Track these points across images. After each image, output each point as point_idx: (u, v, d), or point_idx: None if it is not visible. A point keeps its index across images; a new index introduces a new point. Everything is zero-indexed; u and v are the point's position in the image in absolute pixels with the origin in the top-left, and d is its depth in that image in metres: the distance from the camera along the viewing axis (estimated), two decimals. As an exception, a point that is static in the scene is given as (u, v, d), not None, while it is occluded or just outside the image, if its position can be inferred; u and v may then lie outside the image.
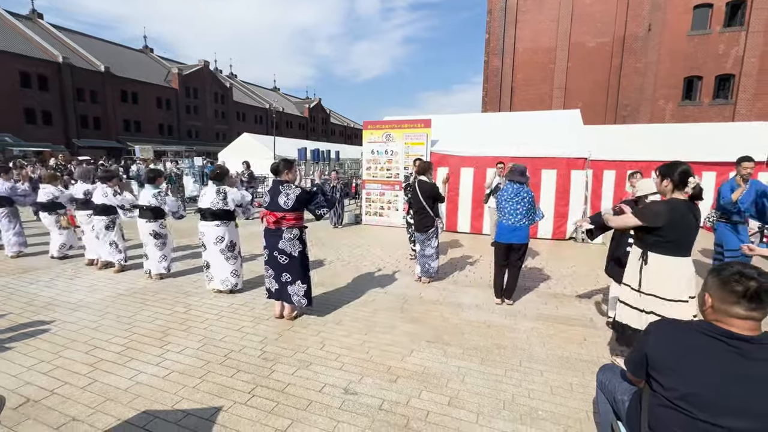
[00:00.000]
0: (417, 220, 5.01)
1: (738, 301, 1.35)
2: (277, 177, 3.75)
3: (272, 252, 3.76)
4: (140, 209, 5.11)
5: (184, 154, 31.20)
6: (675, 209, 2.62)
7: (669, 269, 2.67)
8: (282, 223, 3.68)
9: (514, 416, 2.50)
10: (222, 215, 4.54)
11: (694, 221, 2.63)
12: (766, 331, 1.37)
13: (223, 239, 4.55)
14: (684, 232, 2.64)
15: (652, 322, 1.61)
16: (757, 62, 18.15)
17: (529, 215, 4.17)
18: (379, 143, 9.34)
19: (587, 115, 12.02)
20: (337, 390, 2.75)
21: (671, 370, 1.41)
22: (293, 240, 3.73)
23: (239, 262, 4.73)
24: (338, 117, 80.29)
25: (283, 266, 3.75)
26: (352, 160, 21.27)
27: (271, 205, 3.70)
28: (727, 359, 1.34)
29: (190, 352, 3.26)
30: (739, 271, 1.38)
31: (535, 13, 21.43)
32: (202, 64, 44.36)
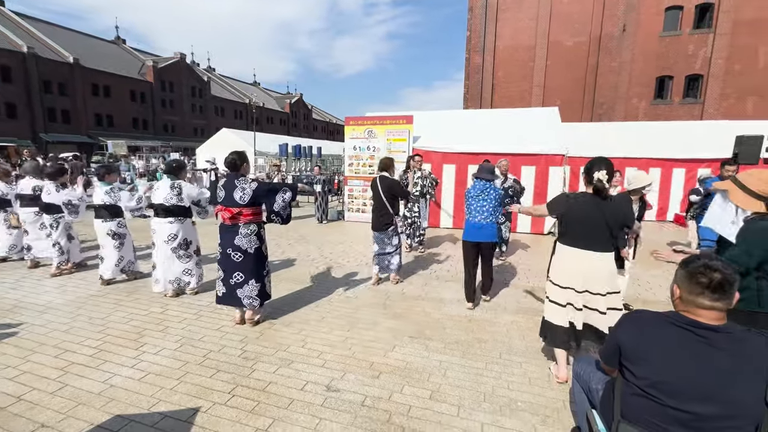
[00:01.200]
0: (376, 217, 4.84)
1: (703, 292, 1.41)
2: (235, 171, 3.59)
3: (226, 249, 3.57)
4: (95, 209, 4.75)
5: (160, 149, 30.30)
6: (575, 201, 2.70)
7: (569, 259, 2.74)
8: (239, 219, 3.53)
9: (494, 408, 2.55)
10: (176, 211, 4.28)
11: (599, 215, 2.62)
12: (730, 321, 1.44)
13: (175, 237, 4.27)
14: (582, 225, 2.67)
15: (625, 313, 1.67)
16: (723, 63, 18.98)
17: (496, 213, 4.10)
18: (362, 139, 9.30)
19: (565, 113, 12.30)
20: (319, 387, 2.74)
21: (643, 359, 1.47)
22: (250, 236, 3.57)
23: (194, 261, 4.44)
24: (320, 113, 79.50)
25: (237, 264, 3.56)
26: (335, 156, 21.14)
27: (226, 200, 3.52)
28: (695, 348, 1.40)
29: (167, 353, 3.17)
30: (705, 264, 1.44)
31: (515, 11, 21.73)
32: (178, 56, 43.04)
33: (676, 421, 1.38)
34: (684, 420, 1.37)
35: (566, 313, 2.77)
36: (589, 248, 2.67)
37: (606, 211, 2.64)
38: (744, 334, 1.39)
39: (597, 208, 2.65)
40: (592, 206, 2.66)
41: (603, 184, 2.61)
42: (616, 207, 2.68)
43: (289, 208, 3.76)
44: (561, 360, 2.84)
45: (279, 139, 20.89)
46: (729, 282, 1.39)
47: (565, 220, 2.77)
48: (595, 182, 2.62)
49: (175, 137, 40.79)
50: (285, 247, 6.89)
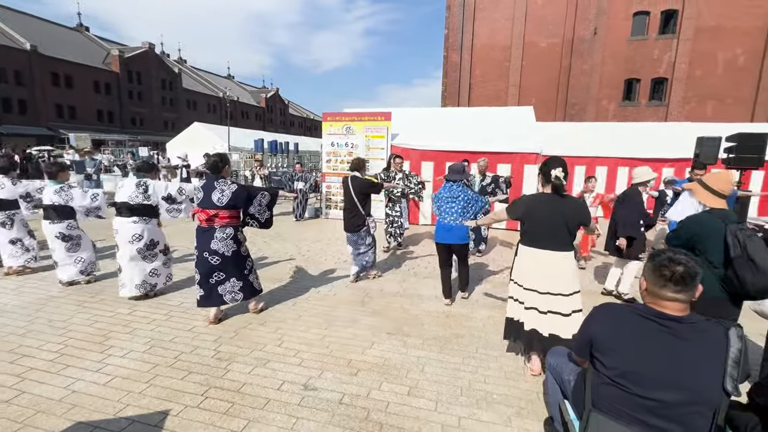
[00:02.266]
0: (348, 218, 4.74)
1: (666, 284, 1.48)
2: (216, 173, 3.52)
3: (202, 253, 3.50)
4: (44, 209, 4.40)
5: (127, 143, 28.99)
6: (534, 201, 2.78)
7: (532, 260, 2.77)
8: (214, 221, 3.46)
9: (470, 401, 2.58)
10: (141, 210, 4.05)
11: (557, 215, 2.68)
12: (693, 312, 1.51)
13: (140, 237, 4.04)
14: (542, 225, 2.72)
15: (596, 306, 1.72)
16: (686, 68, 19.98)
17: (465, 214, 4.01)
18: (339, 135, 9.21)
19: (539, 112, 12.63)
20: (296, 387, 2.69)
21: (612, 350, 1.52)
22: (226, 240, 3.50)
23: (161, 261, 4.25)
24: (297, 108, 78.27)
25: (214, 266, 3.51)
26: (312, 152, 20.87)
27: (204, 201, 3.46)
28: (660, 339, 1.46)
29: (135, 356, 3.04)
30: (669, 257, 1.51)
31: (492, 11, 22.07)
32: (146, 46, 41.23)
33: (643, 408, 1.44)
34: (650, 407, 1.43)
35: (529, 316, 2.80)
36: (550, 248, 2.71)
37: (564, 210, 2.70)
38: (705, 324, 1.47)
39: (556, 207, 2.70)
40: (551, 205, 2.71)
41: (561, 182, 2.68)
42: (573, 205, 2.74)
43: (268, 212, 3.73)
44: (534, 354, 2.91)
45: (254, 135, 20.40)
46: (690, 275, 1.45)
47: (526, 221, 2.81)
48: (554, 180, 2.68)
49: (144, 131, 39.12)
50: (261, 245, 6.75)
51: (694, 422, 1.41)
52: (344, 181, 4.81)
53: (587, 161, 10.58)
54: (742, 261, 2.30)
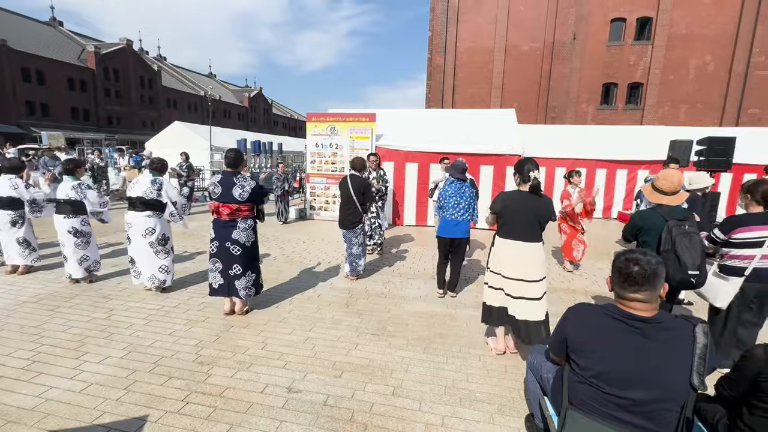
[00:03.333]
0: (345, 216, 4.88)
1: (625, 284, 1.54)
2: (235, 169, 3.71)
3: (224, 243, 3.67)
4: (57, 203, 4.49)
5: (103, 142, 28.10)
6: (511, 198, 3.01)
7: (507, 251, 3.01)
8: (237, 214, 3.66)
9: (454, 400, 2.62)
10: (155, 205, 4.25)
11: (530, 210, 2.96)
12: (662, 311, 1.58)
13: (153, 231, 4.24)
14: (517, 219, 2.98)
15: (570, 307, 1.77)
16: (660, 73, 20.70)
17: (470, 210, 4.33)
18: (324, 136, 9.17)
19: (521, 115, 12.88)
20: (279, 389, 2.67)
21: (586, 351, 1.57)
22: (248, 230, 3.74)
23: (170, 258, 4.41)
24: (281, 108, 77.47)
25: (235, 257, 3.69)
26: (296, 153, 20.70)
27: (224, 196, 3.61)
28: (631, 340, 1.51)
29: (112, 362, 2.96)
30: (626, 258, 1.57)
31: (475, 14, 22.35)
32: (124, 43, 40.05)
33: (617, 406, 1.50)
34: (624, 405, 1.49)
35: (502, 298, 3.07)
36: (524, 239, 2.98)
37: (537, 207, 2.98)
38: (673, 323, 1.53)
39: (530, 204, 2.98)
40: (527, 203, 2.98)
41: (539, 182, 2.99)
42: (544, 204, 3.01)
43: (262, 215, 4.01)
44: (499, 334, 3.14)
45: (237, 134, 20.09)
46: (646, 274, 1.50)
47: (504, 215, 3.03)
48: (533, 181, 2.97)
49: (121, 129, 37.99)
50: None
51: (665, 417, 1.47)
52: (344, 179, 4.96)
53: (568, 163, 10.83)
54: (668, 255, 2.57)
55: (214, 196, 3.65)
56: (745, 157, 8.84)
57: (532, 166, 2.97)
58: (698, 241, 2.61)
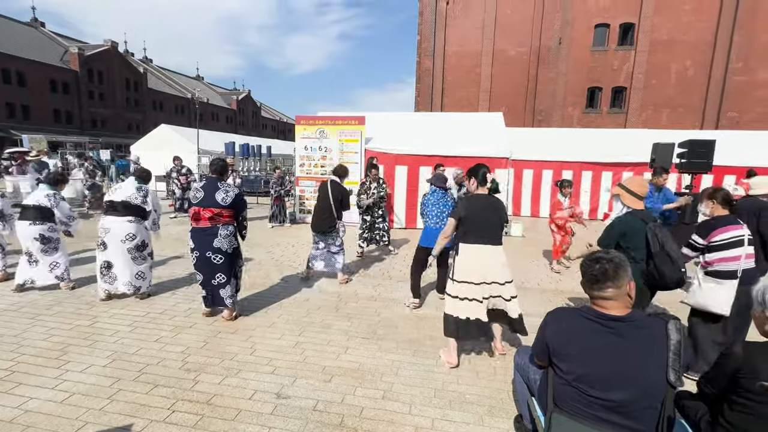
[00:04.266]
0: (319, 219, 4.92)
1: (589, 284, 1.59)
2: (219, 176, 3.74)
3: (205, 253, 3.61)
4: (23, 209, 4.36)
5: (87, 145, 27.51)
6: (474, 202, 3.02)
7: (476, 256, 2.97)
8: (218, 219, 3.62)
9: (444, 403, 2.62)
10: (137, 211, 4.20)
11: (493, 212, 3.00)
12: (636, 310, 1.61)
13: (134, 237, 4.15)
14: (483, 223, 2.98)
15: (549, 312, 1.80)
16: (642, 78, 21.20)
17: None
18: (313, 139, 9.14)
19: (509, 118, 13.04)
20: (268, 395, 2.64)
21: (566, 355, 1.60)
22: (229, 237, 3.69)
23: (148, 264, 4.34)
24: (270, 111, 77.01)
25: (217, 267, 3.65)
26: (285, 156, 20.58)
27: (206, 200, 3.58)
28: (606, 340, 1.55)
29: (96, 370, 2.89)
30: (589, 258, 1.63)
31: (463, 19, 22.60)
32: (108, 44, 39.41)
33: (600, 407, 1.53)
34: (607, 406, 1.51)
35: (468, 307, 2.97)
36: (489, 243, 2.98)
37: (498, 209, 3.05)
38: (645, 321, 1.57)
39: (491, 207, 3.03)
40: (487, 205, 3.03)
41: (497, 184, 3.10)
42: (501, 205, 3.10)
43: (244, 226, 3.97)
44: (452, 347, 3.08)
45: (225, 137, 19.90)
46: (607, 271, 1.55)
47: (467, 221, 3.00)
48: (490, 184, 3.06)
49: (106, 132, 37.26)
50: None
51: (646, 416, 1.50)
52: (323, 184, 4.96)
53: (554, 165, 11.02)
54: (662, 255, 2.63)
55: (195, 201, 3.60)
56: (725, 159, 9.09)
57: (487, 170, 3.07)
58: (674, 241, 2.71)
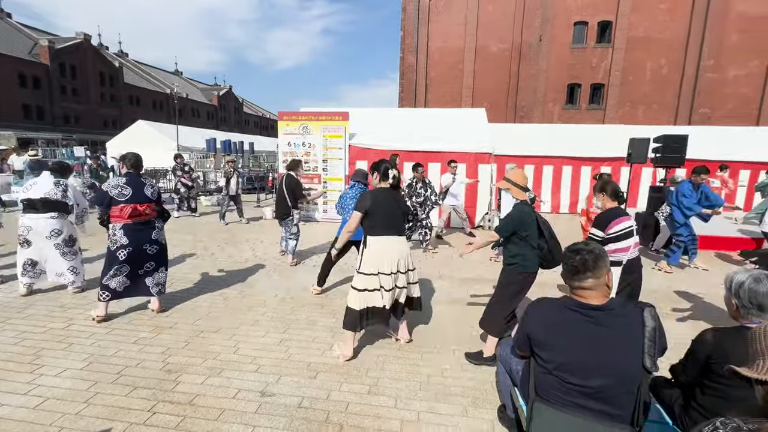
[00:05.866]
0: (278, 209, 5.66)
1: (569, 275, 1.64)
2: (137, 170, 3.74)
3: (141, 246, 3.64)
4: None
5: (60, 142, 26.50)
6: (377, 196, 3.10)
7: (384, 247, 3.05)
8: (150, 214, 3.71)
9: (429, 395, 2.65)
10: (59, 206, 4.16)
11: (395, 205, 3.11)
12: (613, 298, 1.66)
13: (60, 233, 4.14)
14: (387, 214, 3.07)
15: (530, 303, 1.84)
16: (620, 75, 21.74)
17: None
18: (296, 135, 9.04)
19: (492, 114, 13.16)
20: (252, 394, 2.61)
21: (547, 345, 1.64)
22: (162, 229, 3.85)
23: (79, 259, 4.35)
24: (252, 106, 75.70)
25: (150, 256, 3.72)
26: (268, 152, 20.29)
27: (137, 197, 3.60)
28: (586, 329, 1.59)
29: (71, 374, 2.79)
30: (570, 249, 1.68)
31: (445, 15, 22.66)
32: (81, 37, 37.90)
33: (579, 394, 1.57)
34: (586, 393, 1.56)
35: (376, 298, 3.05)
36: (396, 234, 3.11)
37: (400, 201, 3.20)
38: (622, 309, 1.62)
39: (394, 200, 3.14)
40: (391, 198, 3.13)
41: (398, 179, 3.23)
42: (403, 198, 3.28)
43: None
44: (350, 340, 3.11)
45: (206, 133, 19.48)
46: (587, 261, 1.60)
47: (374, 214, 3.07)
48: (392, 179, 3.16)
49: (80, 129, 35.92)
50: (215, 250, 6.46)
51: (623, 400, 1.55)
52: (281, 178, 5.66)
53: (536, 161, 11.20)
54: (554, 243, 2.89)
55: (123, 198, 3.52)
56: (697, 153, 9.43)
57: (390, 165, 3.18)
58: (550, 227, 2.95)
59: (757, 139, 11.29)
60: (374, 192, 3.14)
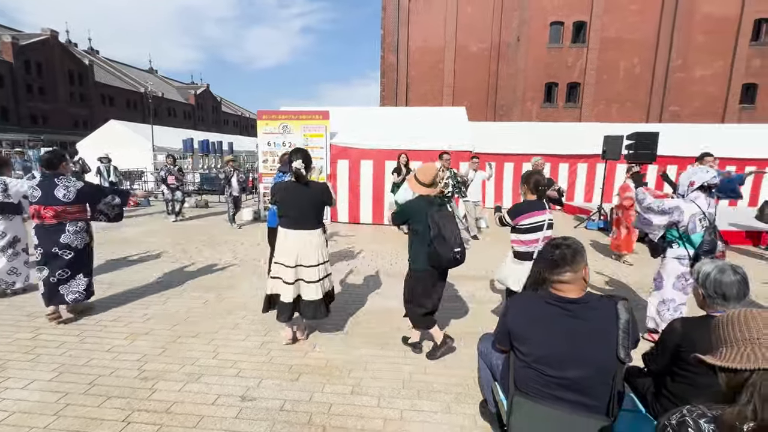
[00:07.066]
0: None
1: (550, 269, 1.67)
2: (53, 170, 3.55)
3: (50, 249, 3.50)
4: None
5: (27, 143, 25.33)
6: (284, 189, 3.12)
7: (287, 240, 3.09)
8: (63, 216, 3.52)
9: (412, 393, 2.65)
10: (2, 208, 4.08)
11: (304, 198, 3.07)
12: (590, 292, 1.70)
13: (3, 234, 4.13)
14: (292, 208, 3.07)
15: (510, 298, 1.87)
16: (594, 74, 22.33)
17: None
18: (276, 134, 8.90)
19: (472, 112, 13.30)
20: (232, 399, 2.56)
21: (527, 339, 1.67)
22: (79, 233, 3.61)
23: (21, 260, 4.26)
24: (231, 105, 74.22)
25: (66, 261, 3.55)
26: (248, 152, 19.93)
27: (45, 198, 3.46)
28: (563, 322, 1.63)
29: (39, 386, 2.67)
30: (550, 244, 1.72)
31: (425, 14, 22.76)
32: (48, 34, 36.28)
33: (557, 386, 1.60)
34: (563, 384, 1.59)
35: (279, 287, 3.12)
36: (300, 228, 3.08)
37: (309, 195, 3.08)
38: (597, 302, 1.66)
39: (302, 193, 3.07)
40: (298, 191, 3.07)
41: (301, 171, 3.04)
42: (314, 190, 3.12)
43: (118, 209, 3.91)
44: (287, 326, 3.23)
45: (183, 133, 18.98)
46: (566, 256, 1.64)
47: (281, 206, 3.12)
48: (295, 170, 3.05)
49: (48, 129, 34.42)
50: (192, 252, 6.30)
51: (598, 391, 1.59)
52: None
53: (515, 158, 11.41)
54: (438, 239, 2.82)
55: (33, 199, 3.47)
56: (668, 150, 9.79)
57: (295, 157, 3.06)
58: (455, 223, 2.93)
59: (722, 135, 11.81)
60: (281, 185, 3.17)
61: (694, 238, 3.10)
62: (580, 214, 10.01)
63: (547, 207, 3.18)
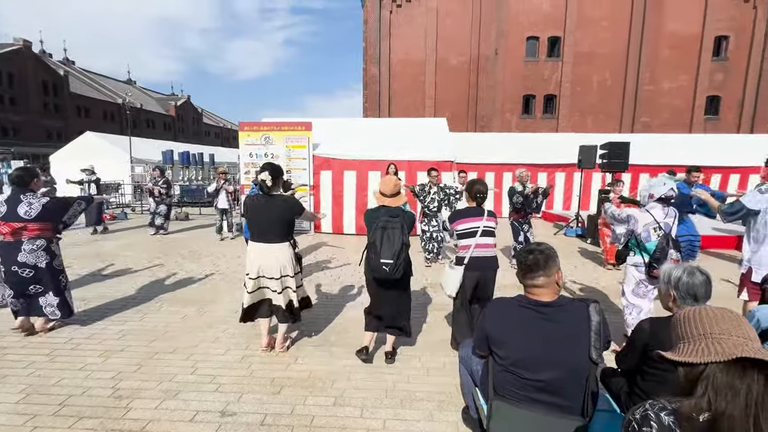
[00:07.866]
0: None
1: (524, 273, 1.74)
2: (24, 187, 3.48)
3: (10, 267, 3.43)
4: None
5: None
6: (251, 203, 3.16)
7: (253, 252, 3.17)
8: (21, 234, 3.41)
9: (394, 402, 2.65)
10: None
11: (272, 212, 3.08)
12: (562, 295, 1.77)
13: None
14: (259, 222, 3.12)
15: (488, 303, 1.92)
16: (569, 87, 23.19)
17: None
18: (258, 146, 8.86)
19: (453, 123, 13.57)
20: (212, 415, 2.50)
21: (503, 343, 1.71)
22: (37, 251, 3.48)
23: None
24: (212, 117, 73.41)
25: (28, 279, 3.48)
26: (230, 163, 19.70)
27: (8, 215, 3.38)
28: (538, 325, 1.68)
29: (5, 408, 2.54)
30: (523, 250, 1.80)
31: (406, 28, 23.26)
32: (20, 44, 35.30)
33: (533, 388, 1.64)
34: (539, 387, 1.63)
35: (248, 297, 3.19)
36: (265, 241, 3.11)
37: (275, 208, 3.10)
38: (570, 305, 1.73)
39: (269, 206, 3.09)
40: (265, 205, 3.10)
41: (266, 184, 3.08)
42: (283, 204, 3.14)
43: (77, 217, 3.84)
44: (263, 331, 3.34)
45: (162, 145, 18.63)
46: (539, 261, 1.71)
47: (248, 219, 3.20)
48: (260, 182, 3.11)
49: (19, 141, 33.20)
50: (172, 266, 6.15)
51: (572, 391, 1.64)
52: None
53: (495, 168, 11.66)
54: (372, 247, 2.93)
55: (0, 215, 3.40)
56: (640, 159, 10.20)
57: (264, 168, 3.12)
58: (397, 236, 2.89)
59: (689, 145, 12.40)
60: (249, 198, 3.21)
61: (648, 246, 3.20)
62: (559, 222, 10.27)
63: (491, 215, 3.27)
